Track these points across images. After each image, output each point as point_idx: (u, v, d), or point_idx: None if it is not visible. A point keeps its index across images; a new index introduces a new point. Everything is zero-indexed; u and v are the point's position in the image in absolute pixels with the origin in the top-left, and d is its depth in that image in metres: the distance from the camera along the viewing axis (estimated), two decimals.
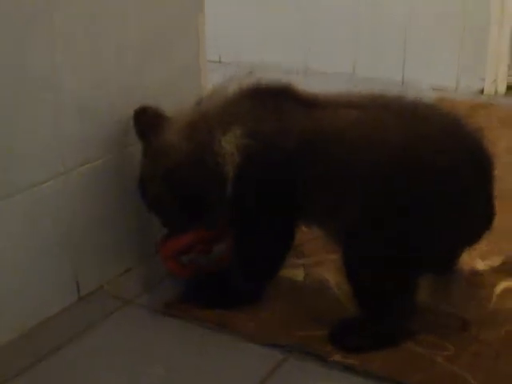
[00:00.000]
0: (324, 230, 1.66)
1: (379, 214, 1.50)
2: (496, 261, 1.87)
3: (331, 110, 1.57)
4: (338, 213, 1.55)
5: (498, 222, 1.61)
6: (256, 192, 1.59)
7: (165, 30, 1.90)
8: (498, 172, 1.63)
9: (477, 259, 1.87)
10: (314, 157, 1.54)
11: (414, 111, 1.55)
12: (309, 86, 1.65)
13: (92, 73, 1.70)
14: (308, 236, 1.92)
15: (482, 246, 1.89)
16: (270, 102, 1.60)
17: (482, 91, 3.40)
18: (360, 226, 1.52)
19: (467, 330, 1.60)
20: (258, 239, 1.65)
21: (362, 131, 1.52)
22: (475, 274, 1.82)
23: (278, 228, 1.64)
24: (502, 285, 1.77)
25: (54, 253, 1.69)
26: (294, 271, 1.83)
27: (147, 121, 1.71)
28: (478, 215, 1.56)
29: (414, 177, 1.48)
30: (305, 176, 1.56)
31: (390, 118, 1.52)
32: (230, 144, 1.57)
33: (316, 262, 1.89)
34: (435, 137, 1.50)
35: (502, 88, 3.40)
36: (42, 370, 1.52)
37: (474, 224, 1.56)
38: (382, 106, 1.56)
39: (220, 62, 3.76)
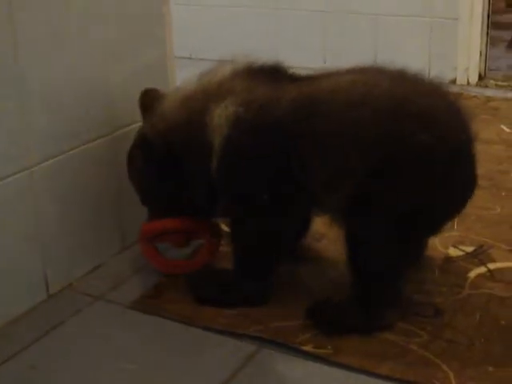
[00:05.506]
0: (320, 204, 1.60)
1: (378, 175, 1.48)
2: (469, 247, 1.87)
3: (324, 77, 1.60)
4: (336, 173, 1.52)
5: (469, 209, 1.61)
6: (244, 163, 1.57)
7: (130, 24, 1.88)
8: None
9: (449, 246, 1.87)
10: (307, 120, 1.53)
11: (404, 75, 1.56)
12: None
13: (56, 67, 1.68)
14: None
15: (455, 232, 1.90)
16: (263, 77, 1.61)
17: (454, 81, 3.37)
18: (359, 189, 1.49)
19: (440, 317, 1.60)
20: (251, 220, 1.60)
21: (356, 90, 1.52)
22: (448, 260, 1.82)
23: (275, 206, 1.58)
24: (475, 271, 1.77)
25: (21, 250, 1.66)
26: None
27: (148, 100, 1.72)
28: (465, 179, 1.56)
29: (410, 135, 1.47)
30: (298, 141, 1.53)
31: (383, 80, 1.53)
32: (220, 117, 1.57)
33: None
34: (427, 94, 1.52)
35: (474, 77, 3.37)
36: (11, 368, 1.50)
37: (462, 189, 1.57)
38: (375, 71, 1.58)
39: (190, 58, 3.74)
